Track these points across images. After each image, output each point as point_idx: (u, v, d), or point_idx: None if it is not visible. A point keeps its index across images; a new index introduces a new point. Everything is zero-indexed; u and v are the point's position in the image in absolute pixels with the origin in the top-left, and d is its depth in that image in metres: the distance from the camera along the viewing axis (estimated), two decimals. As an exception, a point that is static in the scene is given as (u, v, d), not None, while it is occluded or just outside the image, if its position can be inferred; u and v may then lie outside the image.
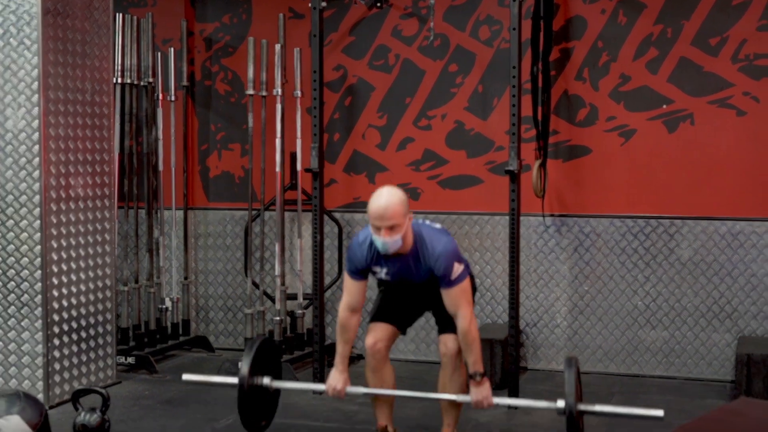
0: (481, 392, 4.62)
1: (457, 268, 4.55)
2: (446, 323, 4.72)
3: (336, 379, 4.77)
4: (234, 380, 4.89)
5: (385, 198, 4.47)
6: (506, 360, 6.12)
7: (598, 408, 4.65)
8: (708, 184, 6.40)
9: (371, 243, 4.62)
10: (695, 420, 3.72)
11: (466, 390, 4.77)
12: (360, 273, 4.71)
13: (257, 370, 4.90)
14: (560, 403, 4.49)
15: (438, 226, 4.80)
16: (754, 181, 6.31)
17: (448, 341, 4.72)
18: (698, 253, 6.43)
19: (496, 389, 6.11)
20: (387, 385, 4.82)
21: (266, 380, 4.93)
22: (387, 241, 4.47)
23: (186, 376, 5.24)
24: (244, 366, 4.81)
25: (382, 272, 4.69)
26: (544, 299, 6.73)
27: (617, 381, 6.45)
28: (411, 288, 4.77)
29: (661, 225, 6.49)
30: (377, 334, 4.77)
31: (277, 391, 5.07)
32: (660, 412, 4.51)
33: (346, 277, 4.76)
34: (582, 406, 4.54)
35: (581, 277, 6.65)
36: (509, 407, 5.69)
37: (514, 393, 5.76)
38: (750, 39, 6.26)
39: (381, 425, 4.88)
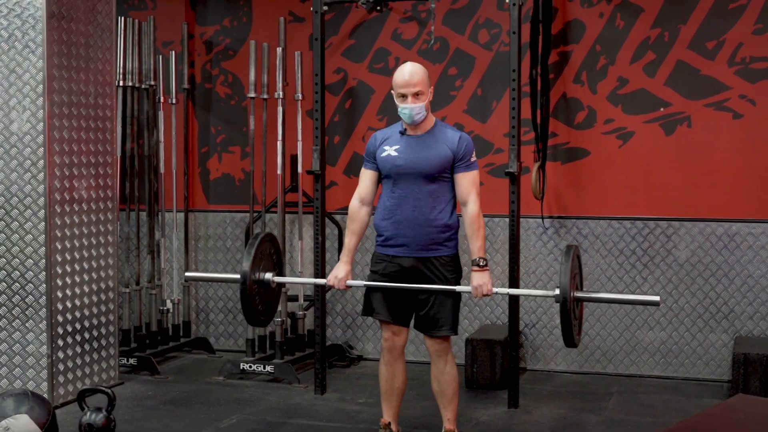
0: (482, 278, 4.70)
1: (474, 156, 4.79)
2: (427, 325, 4.80)
3: (339, 269, 4.87)
4: (236, 276, 4.88)
5: (410, 67, 4.73)
6: (506, 360, 6.17)
7: (594, 295, 4.79)
8: (705, 186, 6.46)
9: (391, 129, 4.86)
10: (693, 417, 3.79)
11: (458, 383, 4.87)
12: (372, 159, 4.85)
13: (259, 266, 4.87)
14: (556, 291, 4.46)
15: None
16: (751, 183, 6.38)
17: (438, 341, 4.80)
18: (695, 255, 6.50)
19: (496, 389, 6.19)
20: (398, 380, 4.89)
21: (268, 275, 4.91)
22: (413, 107, 4.67)
23: (188, 274, 5.24)
24: (246, 262, 4.77)
25: (392, 149, 4.77)
26: (543, 301, 6.79)
27: (616, 381, 6.51)
28: (408, 203, 4.73)
29: (658, 226, 6.56)
30: (388, 330, 4.83)
31: (280, 285, 5.06)
32: (656, 298, 4.48)
33: (362, 170, 4.91)
34: (578, 294, 4.55)
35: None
36: (509, 407, 5.76)
37: (513, 392, 5.83)
38: (746, 42, 6.33)
39: (385, 422, 4.93)
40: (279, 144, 6.83)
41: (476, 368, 6.30)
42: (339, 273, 4.86)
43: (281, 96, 6.78)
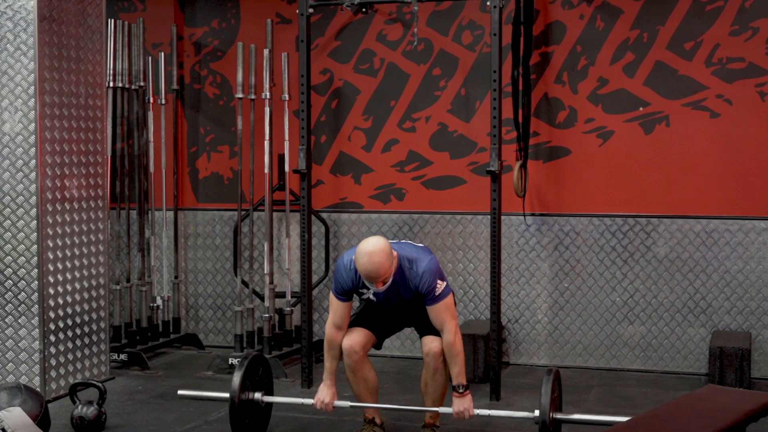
0: (463, 403, 4.84)
1: (440, 285, 4.78)
2: (427, 327, 4.93)
3: (324, 393, 4.99)
4: (225, 395, 5.05)
5: (375, 260, 4.64)
6: (488, 355, 6.31)
7: (573, 417, 4.87)
8: (683, 183, 6.61)
9: (356, 273, 4.80)
10: (663, 405, 3.94)
11: (446, 389, 4.98)
12: (346, 294, 4.91)
13: (248, 386, 5.08)
14: (536, 413, 4.67)
15: (420, 245, 5.03)
16: (728, 181, 6.53)
17: (430, 342, 4.91)
18: (674, 251, 6.65)
19: (479, 382, 6.33)
20: (369, 383, 5.02)
21: (257, 395, 5.12)
22: (381, 290, 4.77)
23: (181, 392, 5.41)
24: (235, 380, 4.98)
25: (369, 293, 4.90)
26: (526, 296, 6.93)
27: (596, 375, 6.66)
28: (397, 306, 4.96)
29: (638, 223, 6.70)
30: (353, 337, 4.96)
31: (269, 405, 5.26)
32: None
33: (332, 296, 4.96)
34: (558, 415, 4.75)
35: (561, 275, 6.85)
36: (491, 399, 5.91)
37: (496, 387, 5.96)
38: (723, 43, 6.48)
39: (368, 416, 5.07)
40: (266, 143, 6.95)
41: (460, 362, 6.43)
42: (325, 398, 4.99)
43: (268, 96, 6.91)
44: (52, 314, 5.92)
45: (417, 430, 5.14)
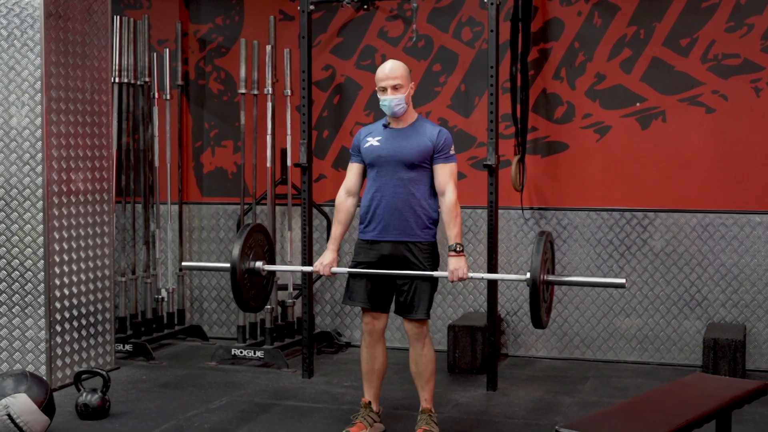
0: (458, 262, 4.91)
1: (453, 150, 5.03)
2: (405, 309, 5.02)
3: (325, 256, 5.12)
4: (227, 265, 5.14)
5: (391, 62, 5.02)
6: (486, 346, 6.41)
7: (563, 278, 4.99)
8: (679, 178, 6.70)
9: (375, 124, 5.10)
10: (650, 391, 4.04)
11: (435, 364, 5.09)
12: (358, 153, 5.09)
13: (249, 255, 5.11)
14: (527, 275, 4.69)
15: None
16: (723, 176, 6.62)
17: (415, 324, 5.02)
18: (670, 244, 6.74)
19: (477, 374, 6.44)
20: (378, 362, 5.13)
21: (258, 264, 5.16)
22: (393, 98, 4.92)
23: (185, 263, 5.68)
24: (236, 249, 5.02)
25: (374, 139, 5.02)
26: (524, 289, 7.03)
27: (593, 366, 6.76)
28: (390, 191, 4.97)
29: (634, 217, 6.80)
30: (372, 315, 5.07)
31: (270, 274, 5.31)
32: (622, 280, 4.69)
33: (349, 164, 5.15)
34: (548, 277, 4.77)
35: (559, 268, 6.94)
36: (488, 389, 6.01)
37: (492, 376, 6.07)
38: (718, 40, 6.57)
39: (365, 401, 5.18)
40: (269, 138, 7.07)
41: (458, 353, 6.54)
42: (325, 260, 5.10)
43: (271, 92, 7.02)
44: (58, 305, 6.04)
45: (414, 418, 5.24)
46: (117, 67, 6.98)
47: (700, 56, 6.61)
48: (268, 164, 7.04)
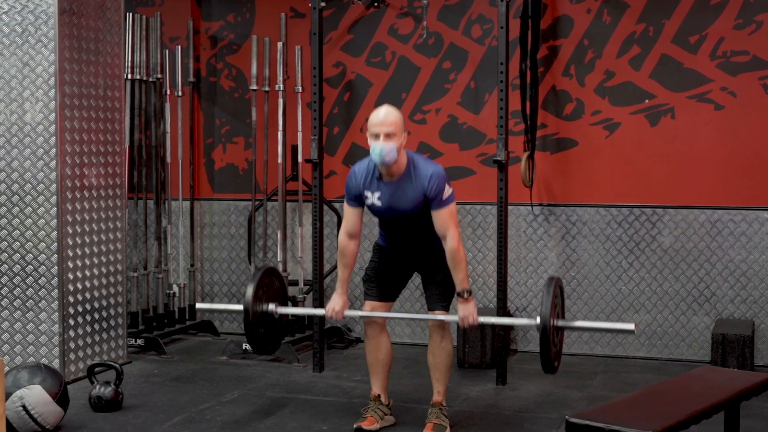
0: (467, 308, 4.92)
1: (447, 190, 4.86)
2: (432, 299, 5.09)
3: (335, 301, 5.14)
4: (239, 307, 5.19)
5: (385, 109, 4.88)
6: (496, 341, 6.44)
7: (573, 324, 4.99)
8: (688, 174, 6.73)
9: (367, 169, 4.96)
10: (659, 383, 4.08)
11: (452, 359, 5.16)
12: (356, 199, 5.03)
13: (262, 297, 5.15)
14: (537, 319, 4.72)
15: (427, 156, 5.21)
16: (732, 172, 6.65)
17: (439, 315, 5.06)
18: (679, 241, 6.77)
19: (486, 368, 6.48)
20: (383, 353, 5.18)
21: (271, 306, 5.21)
22: (384, 147, 4.75)
23: (199, 305, 5.66)
24: (249, 292, 5.06)
25: (374, 197, 4.95)
26: (533, 285, 7.07)
27: (602, 362, 6.79)
28: (401, 229, 5.03)
29: (643, 214, 6.83)
30: (369, 306, 5.15)
31: (283, 316, 5.36)
32: (631, 326, 4.69)
33: (344, 206, 5.10)
34: (558, 322, 4.80)
35: (568, 264, 6.99)
36: (497, 384, 6.06)
37: (502, 370, 6.11)
38: (727, 37, 6.60)
39: (374, 394, 5.23)
40: (280, 135, 7.12)
41: (468, 348, 6.59)
42: (336, 306, 5.13)
43: (282, 89, 7.07)
44: (71, 299, 6.10)
45: (425, 411, 5.29)
46: (129, 64, 7.03)
47: (709, 53, 6.64)
48: (279, 160, 7.09)
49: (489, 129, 7.03)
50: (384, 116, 4.81)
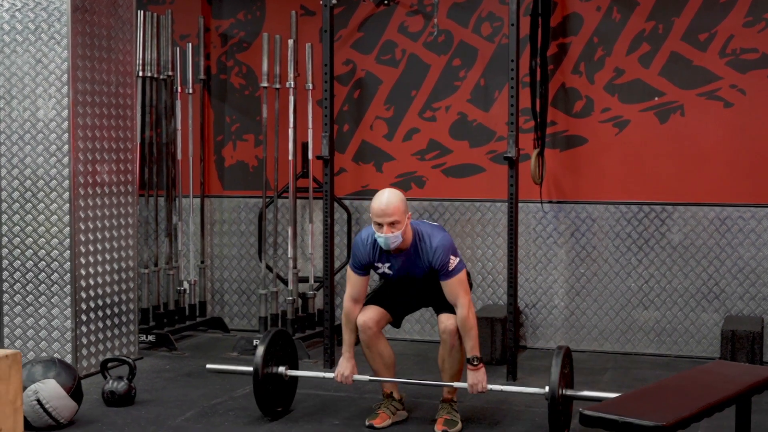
0: (476, 376, 5.00)
1: (453, 260, 4.93)
2: (443, 305, 5.10)
3: (344, 366, 5.19)
4: (250, 369, 5.26)
5: (387, 197, 4.89)
6: (506, 338, 6.47)
7: (581, 393, 4.99)
8: (697, 172, 6.76)
9: (374, 240, 5.00)
10: (671, 377, 4.10)
11: (463, 364, 5.13)
12: (363, 268, 5.10)
13: (272, 360, 5.28)
14: (546, 389, 4.85)
15: (435, 223, 5.21)
16: (741, 170, 6.67)
17: (446, 320, 5.07)
18: (688, 238, 6.80)
19: (497, 364, 6.50)
20: (384, 357, 5.22)
21: (281, 369, 5.33)
22: (389, 237, 4.85)
23: (209, 366, 5.63)
24: (259, 354, 5.19)
25: (385, 267, 5.06)
26: (543, 281, 7.10)
27: (611, 358, 6.82)
28: (412, 283, 5.13)
29: (653, 211, 6.85)
30: (367, 314, 5.15)
31: (293, 380, 5.46)
32: None
33: (349, 271, 5.14)
34: (567, 392, 4.90)
35: (578, 261, 7.02)
36: (508, 380, 6.09)
37: (512, 368, 6.14)
38: (736, 34, 6.62)
39: (386, 392, 5.28)
40: (290, 132, 7.14)
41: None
42: (345, 371, 5.20)
43: (293, 86, 7.10)
44: (83, 295, 6.13)
45: (435, 406, 5.32)
46: (140, 61, 7.06)
47: (719, 51, 6.67)
48: (290, 158, 7.12)
49: (499, 126, 7.05)
50: (386, 206, 4.84)
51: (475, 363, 4.98)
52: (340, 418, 5.35)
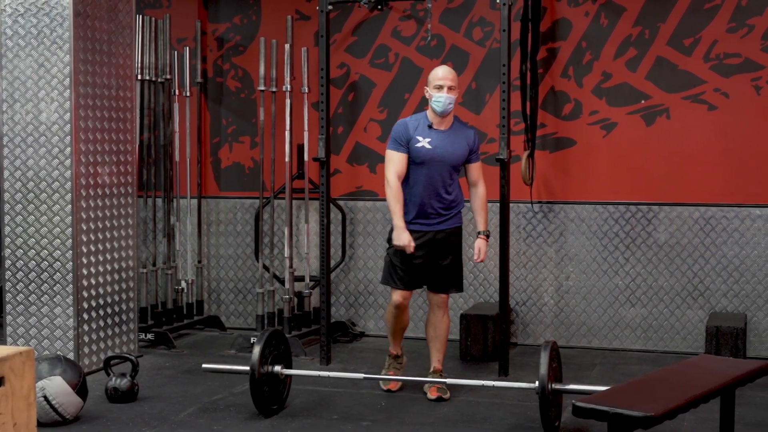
0: (484, 244, 5.80)
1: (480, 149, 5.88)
2: (437, 286, 5.78)
3: (404, 237, 5.61)
4: (247, 368, 5.41)
5: (446, 67, 5.80)
6: (497, 334, 6.65)
7: (570, 387, 5.16)
8: (682, 173, 6.95)
9: (417, 119, 5.73)
10: (657, 371, 4.28)
11: (448, 333, 5.80)
12: (404, 144, 5.66)
13: (268, 358, 5.45)
14: (536, 383, 5.05)
15: None
16: (725, 171, 6.86)
17: (438, 296, 5.79)
18: (673, 237, 6.98)
19: (489, 360, 6.68)
20: (404, 322, 5.93)
21: (277, 368, 5.50)
22: (448, 97, 5.60)
23: (206, 366, 5.79)
24: (255, 353, 5.35)
25: (425, 141, 5.64)
26: (533, 280, 7.28)
27: (599, 354, 7.00)
28: (432, 181, 5.65)
29: (639, 211, 7.04)
30: (400, 295, 5.76)
31: (288, 378, 5.62)
32: None
33: (391, 153, 5.70)
34: (556, 386, 5.09)
35: (566, 260, 7.20)
36: (500, 375, 6.26)
37: (504, 364, 6.30)
38: (720, 40, 6.81)
39: (394, 352, 5.92)
40: (286, 134, 7.29)
41: (470, 341, 6.78)
42: (406, 240, 5.62)
43: (289, 89, 7.25)
44: (85, 294, 6.27)
45: (429, 404, 5.48)
46: (139, 65, 7.20)
47: (703, 55, 6.85)
48: (286, 159, 7.27)
49: (490, 128, 7.22)
50: (448, 71, 5.67)
51: (486, 235, 5.80)
52: (337, 412, 5.51)
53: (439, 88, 5.60)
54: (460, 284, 5.89)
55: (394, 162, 5.67)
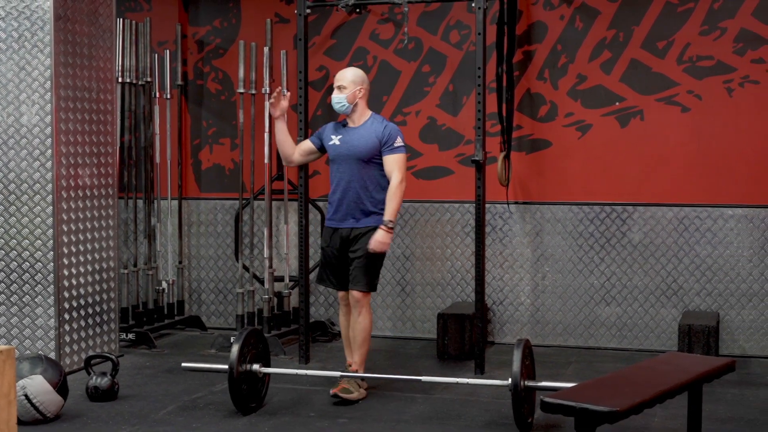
0: (383, 237, 5.66)
1: (399, 142, 5.72)
2: (353, 280, 5.78)
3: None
4: (226, 367, 5.50)
5: (345, 68, 5.89)
6: (474, 333, 6.73)
7: (542, 384, 5.23)
8: (656, 174, 7.06)
9: (337, 122, 5.93)
10: (627, 368, 4.38)
11: (368, 333, 5.83)
12: (318, 138, 5.94)
13: (246, 357, 5.52)
14: (509, 381, 5.11)
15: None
16: (698, 171, 6.98)
17: (355, 294, 5.76)
18: (647, 237, 7.09)
19: (466, 359, 6.77)
20: (346, 326, 5.97)
21: (256, 366, 5.58)
22: (337, 96, 5.74)
23: (185, 364, 5.87)
24: (234, 352, 5.43)
25: (336, 138, 5.81)
26: (509, 279, 7.37)
27: (575, 353, 7.10)
28: (349, 174, 5.74)
29: (614, 211, 7.15)
30: (341, 293, 5.94)
31: (266, 376, 5.70)
32: None
33: (307, 140, 6.07)
34: (529, 383, 5.17)
35: (542, 259, 7.30)
36: (476, 373, 6.35)
37: (480, 362, 6.39)
38: (693, 42, 6.93)
39: (349, 363, 5.94)
40: (266, 136, 7.37)
41: (447, 340, 6.87)
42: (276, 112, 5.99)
43: (268, 92, 7.33)
44: (66, 294, 6.33)
45: (396, 398, 5.56)
46: (119, 68, 7.25)
47: (676, 58, 6.96)
48: (266, 161, 7.34)
49: (467, 130, 7.31)
50: (340, 72, 5.80)
51: (389, 225, 5.66)
52: (315, 410, 5.59)
53: (335, 84, 5.80)
54: (371, 283, 5.76)
55: (301, 143, 6.10)
